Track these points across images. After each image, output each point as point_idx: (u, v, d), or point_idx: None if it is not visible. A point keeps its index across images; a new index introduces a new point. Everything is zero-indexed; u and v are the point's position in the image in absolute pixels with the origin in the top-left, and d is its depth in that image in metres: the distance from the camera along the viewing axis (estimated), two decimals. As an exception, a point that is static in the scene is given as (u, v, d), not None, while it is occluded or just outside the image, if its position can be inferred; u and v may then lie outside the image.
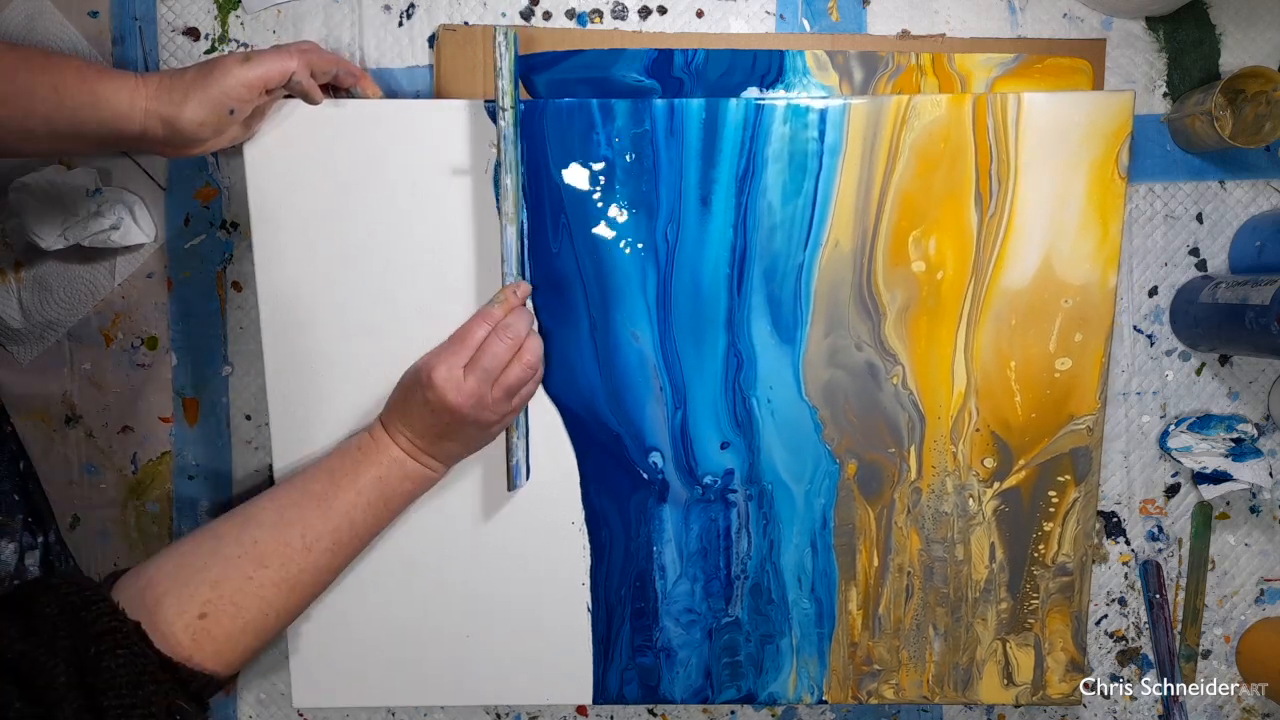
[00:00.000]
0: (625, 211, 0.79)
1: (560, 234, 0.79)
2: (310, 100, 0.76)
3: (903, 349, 0.81)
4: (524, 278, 0.78)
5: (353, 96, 0.79)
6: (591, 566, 0.84)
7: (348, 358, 0.81)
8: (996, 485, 0.83)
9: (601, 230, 0.79)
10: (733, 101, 0.77)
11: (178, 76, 0.71)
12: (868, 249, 0.79)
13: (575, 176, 0.78)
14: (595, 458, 0.83)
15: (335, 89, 0.79)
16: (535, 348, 0.76)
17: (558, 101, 0.78)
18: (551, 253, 0.79)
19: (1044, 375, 0.81)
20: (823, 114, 0.77)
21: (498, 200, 0.78)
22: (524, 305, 0.78)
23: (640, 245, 0.79)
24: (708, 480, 0.83)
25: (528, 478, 0.82)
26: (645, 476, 0.83)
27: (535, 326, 0.79)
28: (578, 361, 0.81)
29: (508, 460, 0.81)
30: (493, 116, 0.77)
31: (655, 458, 0.83)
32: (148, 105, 0.70)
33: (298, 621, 0.80)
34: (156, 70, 0.84)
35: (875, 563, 0.84)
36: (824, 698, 0.86)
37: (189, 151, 0.74)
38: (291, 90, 0.75)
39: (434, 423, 0.74)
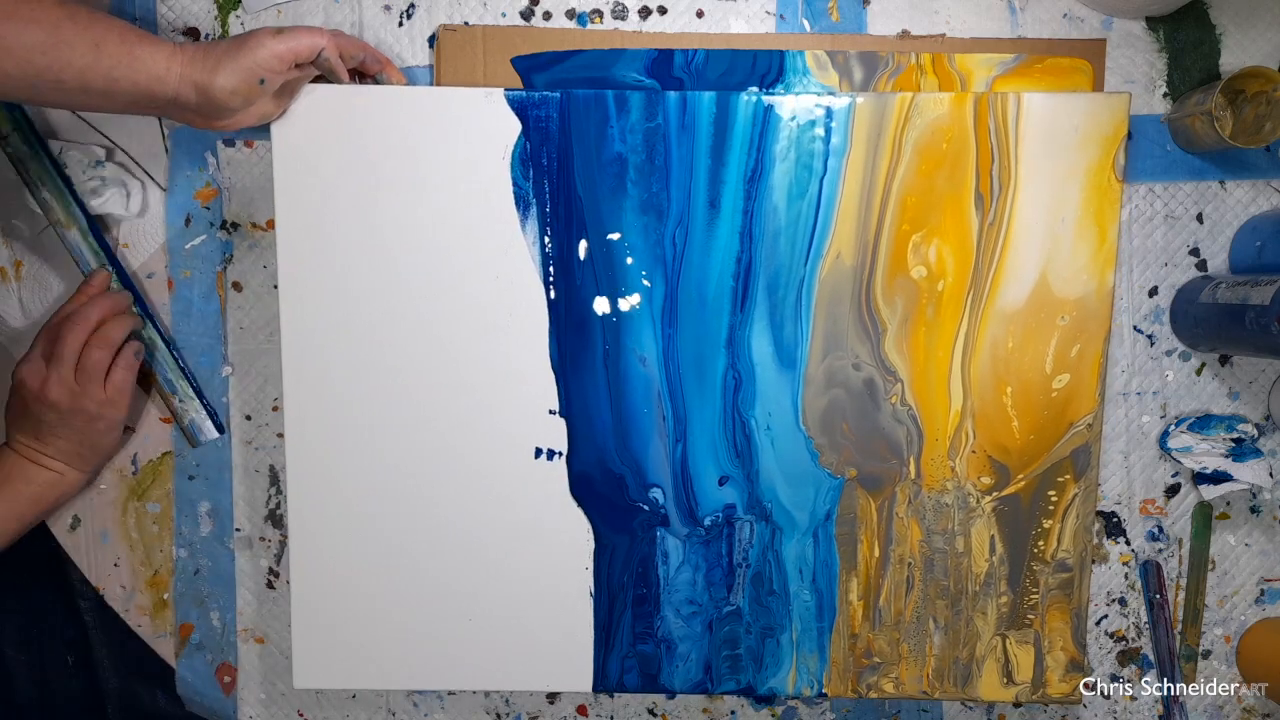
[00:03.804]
0: (637, 216, 0.80)
1: (584, 255, 0.81)
2: (337, 79, 0.78)
3: (902, 364, 0.81)
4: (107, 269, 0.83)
5: (378, 83, 0.81)
6: (595, 551, 0.84)
7: (364, 343, 0.82)
8: (995, 494, 0.83)
9: (615, 239, 0.80)
10: (743, 95, 0.78)
11: (212, 46, 0.73)
12: (869, 262, 0.80)
13: (590, 186, 0.80)
14: (597, 507, 0.84)
15: (361, 76, 0.81)
16: (116, 328, 0.80)
17: (574, 92, 0.79)
18: (575, 285, 0.81)
19: (1041, 397, 0.81)
20: (829, 111, 0.78)
21: (516, 194, 0.80)
22: (107, 292, 0.83)
23: (650, 254, 0.80)
24: (708, 522, 0.83)
25: (220, 432, 0.87)
26: (646, 509, 0.84)
27: (129, 308, 0.84)
28: (594, 403, 0.82)
29: (180, 423, 0.87)
30: (513, 106, 0.79)
31: (656, 493, 0.83)
32: (182, 70, 0.72)
33: (302, 608, 0.83)
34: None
35: (876, 553, 0.84)
36: (824, 691, 0.86)
37: (219, 122, 0.76)
38: (319, 68, 0.77)
39: (39, 420, 0.80)
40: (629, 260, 0.81)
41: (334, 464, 0.83)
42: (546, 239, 0.80)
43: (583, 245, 0.80)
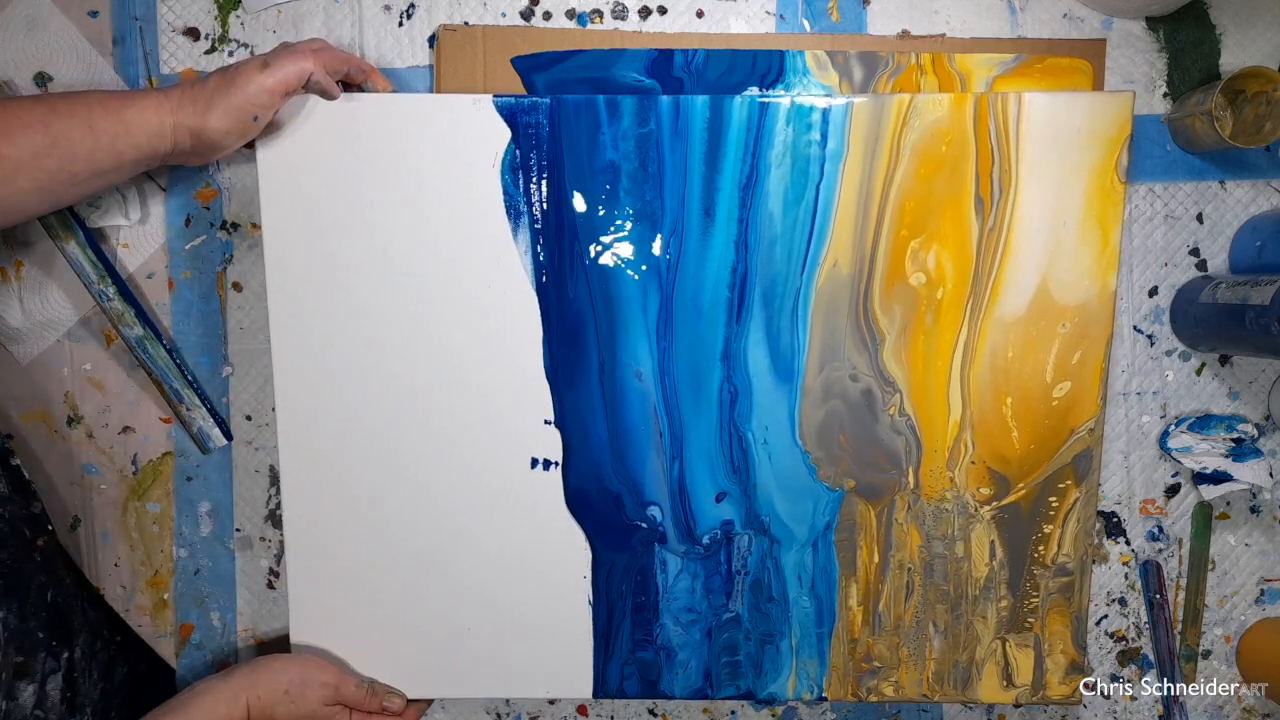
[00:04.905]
0: (630, 224, 0.80)
1: (576, 264, 0.80)
2: (328, 96, 0.78)
3: (901, 374, 0.81)
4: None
5: (363, 92, 0.80)
6: (593, 560, 0.84)
7: (357, 351, 0.81)
8: (994, 503, 0.83)
9: (607, 246, 0.80)
10: (737, 99, 0.78)
11: (200, 87, 0.72)
12: (866, 269, 0.79)
13: (582, 194, 0.80)
14: (594, 525, 0.84)
15: (346, 85, 0.80)
16: None
17: (564, 98, 0.78)
18: (569, 296, 0.81)
19: (1041, 406, 0.81)
20: (825, 114, 0.78)
21: (507, 202, 0.80)
22: None
23: (643, 264, 0.80)
24: (706, 539, 0.83)
25: (229, 439, 0.87)
26: (644, 527, 0.83)
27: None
28: (589, 416, 0.82)
29: (189, 431, 0.86)
30: (501, 113, 0.78)
31: (654, 511, 0.83)
32: (175, 120, 0.71)
33: (299, 614, 0.84)
34: (158, 70, 0.85)
35: (875, 559, 0.84)
36: (824, 695, 0.86)
37: (213, 158, 0.76)
38: (310, 89, 0.76)
39: None
40: (623, 277, 0.80)
41: (329, 470, 0.83)
42: (539, 247, 0.80)
43: (583, 282, 0.80)
